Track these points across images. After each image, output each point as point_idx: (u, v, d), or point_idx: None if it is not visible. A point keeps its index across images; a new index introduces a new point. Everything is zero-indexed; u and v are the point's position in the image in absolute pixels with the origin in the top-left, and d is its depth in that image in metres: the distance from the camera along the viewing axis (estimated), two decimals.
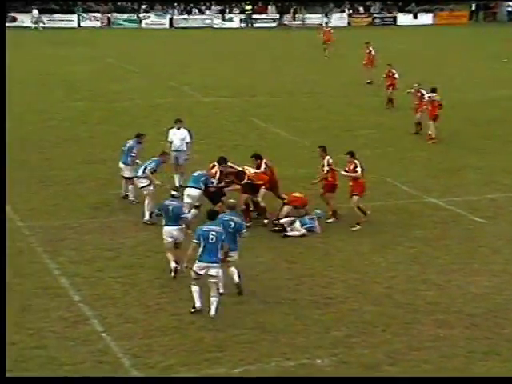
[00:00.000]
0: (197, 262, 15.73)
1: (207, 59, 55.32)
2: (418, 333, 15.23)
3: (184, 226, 17.79)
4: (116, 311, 15.77)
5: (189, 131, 24.16)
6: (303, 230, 20.25)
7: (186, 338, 14.78)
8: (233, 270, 16.58)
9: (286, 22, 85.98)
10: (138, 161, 22.15)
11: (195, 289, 15.74)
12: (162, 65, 51.81)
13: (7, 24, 76.58)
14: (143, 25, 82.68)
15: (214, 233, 15.69)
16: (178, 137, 23.79)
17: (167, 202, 17.95)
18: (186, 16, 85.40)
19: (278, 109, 36.95)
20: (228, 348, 14.41)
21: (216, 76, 46.71)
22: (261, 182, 20.98)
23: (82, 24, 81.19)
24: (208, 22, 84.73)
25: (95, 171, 25.24)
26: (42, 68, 48.60)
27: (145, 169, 21.16)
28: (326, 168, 21.27)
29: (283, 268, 18.16)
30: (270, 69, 50.67)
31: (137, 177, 21.43)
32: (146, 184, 21.15)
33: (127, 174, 22.22)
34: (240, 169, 21.33)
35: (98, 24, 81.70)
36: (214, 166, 21.40)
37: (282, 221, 20.33)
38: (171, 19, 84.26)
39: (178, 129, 23.96)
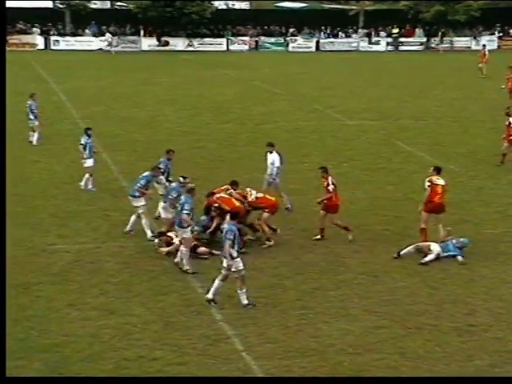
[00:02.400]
0: None
1: (352, 82, 55.36)
2: None
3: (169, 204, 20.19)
4: (256, 331, 15.88)
5: (280, 156, 24.16)
6: (438, 249, 19.84)
7: (325, 360, 14.73)
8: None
9: (433, 45, 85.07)
10: (162, 177, 22.26)
11: (216, 282, 16.93)
12: (307, 87, 52.17)
13: (161, 48, 79.38)
14: (290, 48, 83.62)
15: (224, 230, 17.28)
16: (268, 161, 23.99)
17: (172, 183, 20.93)
18: (332, 39, 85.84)
19: (423, 133, 36.56)
20: (367, 373, 14.30)
21: (361, 99, 46.67)
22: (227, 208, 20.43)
23: (230, 47, 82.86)
24: (354, 45, 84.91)
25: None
26: (192, 90, 49.81)
27: (138, 187, 21.35)
28: (331, 186, 21.12)
29: (424, 293, 17.88)
30: (415, 92, 50.20)
31: (133, 196, 21.49)
32: (142, 203, 21.31)
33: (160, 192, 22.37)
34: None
35: (246, 47, 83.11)
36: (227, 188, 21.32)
37: (427, 258, 19.87)
38: (318, 42, 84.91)
39: (271, 152, 24.08)
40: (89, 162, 25.82)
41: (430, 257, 19.76)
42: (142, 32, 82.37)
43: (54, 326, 15.84)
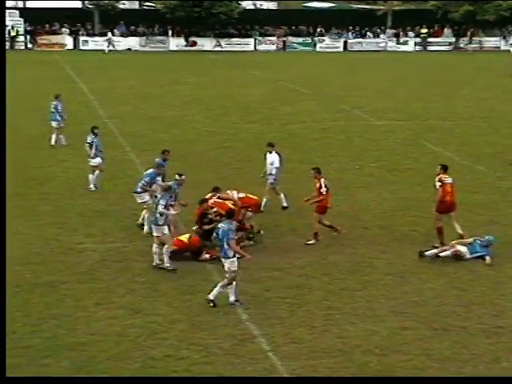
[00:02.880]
0: None
1: (380, 82, 55.18)
2: None
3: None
4: (282, 331, 15.87)
5: (279, 156, 24.08)
6: (463, 249, 19.76)
7: (351, 361, 14.70)
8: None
9: (462, 45, 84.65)
10: (158, 178, 22.14)
11: (220, 283, 16.99)
12: (334, 88, 52.09)
13: (189, 48, 79.66)
14: (318, 48, 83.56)
15: (220, 230, 16.96)
16: (267, 161, 23.92)
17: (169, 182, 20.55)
18: (360, 39, 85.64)
19: (451, 133, 36.37)
20: (393, 373, 14.23)
21: (388, 99, 46.52)
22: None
23: (258, 48, 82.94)
24: (382, 45, 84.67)
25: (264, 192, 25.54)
26: (220, 90, 49.87)
27: (142, 184, 21.55)
28: (324, 189, 20.75)
29: (452, 295, 17.79)
30: (443, 92, 49.96)
31: (136, 192, 21.72)
32: (145, 200, 21.48)
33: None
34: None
35: (274, 47, 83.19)
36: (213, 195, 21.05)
37: (443, 254, 19.81)
38: (345, 42, 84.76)
39: (270, 153, 24.01)
40: (95, 161, 25.87)
41: (445, 253, 19.66)
42: (169, 32, 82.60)
43: (81, 325, 15.92)
